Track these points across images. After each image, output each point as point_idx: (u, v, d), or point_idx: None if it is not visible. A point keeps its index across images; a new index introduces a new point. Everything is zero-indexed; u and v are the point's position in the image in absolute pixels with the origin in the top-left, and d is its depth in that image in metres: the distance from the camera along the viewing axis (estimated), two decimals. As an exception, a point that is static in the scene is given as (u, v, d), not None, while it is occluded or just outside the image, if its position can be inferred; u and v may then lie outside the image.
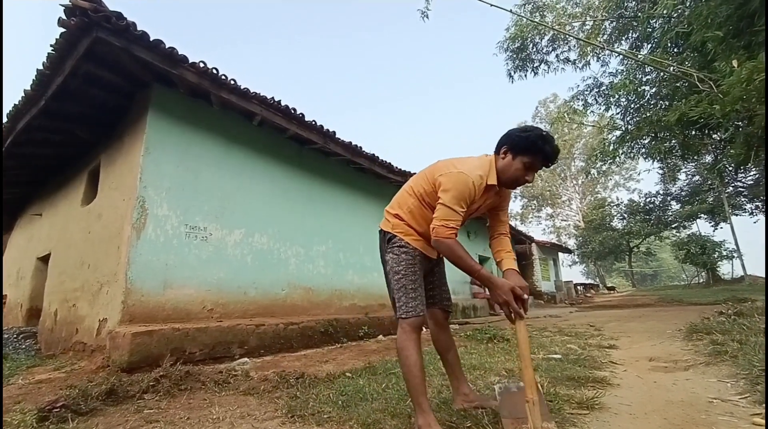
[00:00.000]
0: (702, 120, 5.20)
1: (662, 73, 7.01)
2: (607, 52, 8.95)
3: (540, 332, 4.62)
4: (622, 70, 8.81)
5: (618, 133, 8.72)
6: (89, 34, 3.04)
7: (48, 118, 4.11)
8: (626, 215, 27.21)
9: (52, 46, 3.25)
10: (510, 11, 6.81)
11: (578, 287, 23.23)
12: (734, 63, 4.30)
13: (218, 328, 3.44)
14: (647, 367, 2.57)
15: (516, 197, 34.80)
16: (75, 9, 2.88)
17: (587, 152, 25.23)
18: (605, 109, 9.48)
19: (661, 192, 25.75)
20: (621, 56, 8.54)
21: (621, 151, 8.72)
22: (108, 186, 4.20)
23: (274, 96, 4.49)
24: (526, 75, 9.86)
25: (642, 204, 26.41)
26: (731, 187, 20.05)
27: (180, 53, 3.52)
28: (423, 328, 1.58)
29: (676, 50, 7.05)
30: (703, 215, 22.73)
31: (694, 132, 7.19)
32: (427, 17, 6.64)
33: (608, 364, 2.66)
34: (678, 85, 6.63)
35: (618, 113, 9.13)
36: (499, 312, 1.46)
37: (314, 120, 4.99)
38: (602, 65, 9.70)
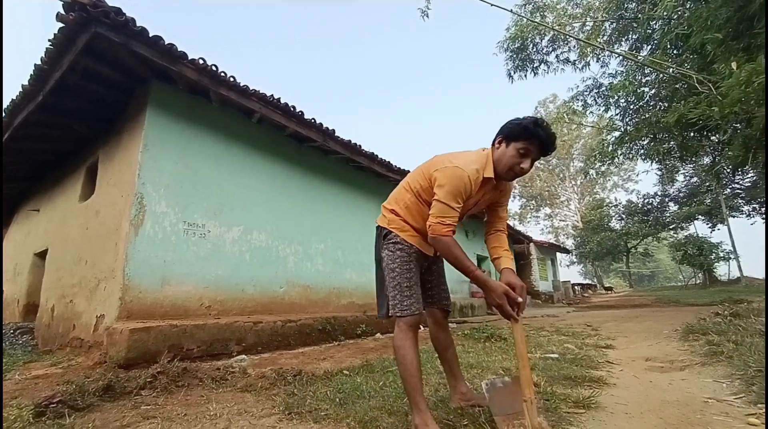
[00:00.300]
0: (701, 122, 5.21)
1: (662, 75, 7.02)
2: (607, 53, 8.96)
3: (537, 332, 4.64)
4: (622, 71, 8.83)
5: (617, 133, 8.75)
6: (88, 30, 3.03)
7: (46, 114, 4.09)
8: (624, 216, 27.31)
9: (50, 41, 3.24)
10: (510, 11, 6.80)
11: (576, 287, 23.29)
12: (733, 65, 4.31)
13: (216, 325, 3.44)
14: (643, 367, 2.59)
15: (515, 197, 34.91)
16: (74, 4, 2.87)
17: (586, 153, 25.27)
18: (604, 110, 9.52)
19: (660, 193, 25.84)
20: (621, 57, 8.55)
21: (620, 152, 8.74)
22: (106, 182, 4.18)
23: (273, 94, 4.48)
24: (525, 75, 9.86)
25: (640, 205, 26.49)
26: (729, 189, 20.11)
27: (179, 50, 3.51)
28: (420, 327, 1.56)
29: (675, 52, 7.06)
30: (700, 216, 22.81)
31: (692, 134, 7.21)
32: (427, 16, 6.63)
33: (605, 364, 2.67)
34: (677, 86, 6.65)
35: (617, 114, 9.16)
36: (496, 311, 1.45)
37: (313, 118, 4.98)
38: (602, 66, 9.72)
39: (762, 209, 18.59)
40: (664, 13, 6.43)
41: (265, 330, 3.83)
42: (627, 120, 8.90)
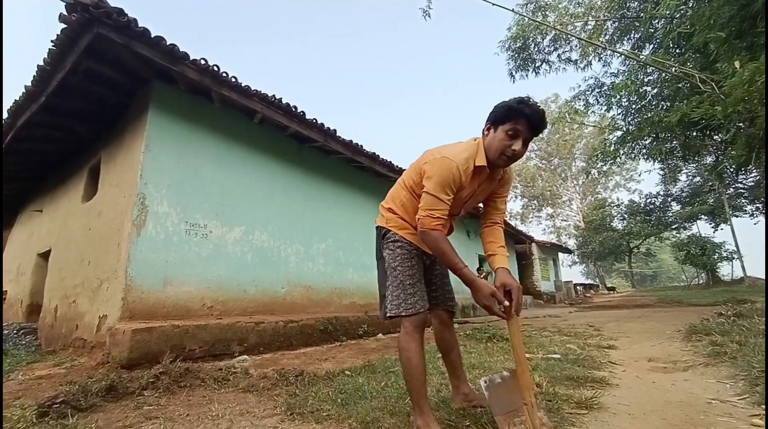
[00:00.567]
0: (703, 121, 5.20)
1: (664, 74, 7.00)
2: (609, 52, 8.94)
3: (539, 332, 4.63)
4: (624, 71, 8.81)
5: (619, 133, 8.72)
6: (90, 30, 3.03)
7: (48, 114, 4.11)
8: (626, 216, 27.24)
9: (52, 41, 3.25)
10: (512, 10, 6.80)
11: (578, 287, 23.25)
12: (736, 64, 4.29)
13: (218, 326, 3.44)
14: (646, 368, 2.58)
15: (516, 197, 34.86)
16: (76, 5, 2.88)
17: (588, 152, 25.19)
18: (606, 110, 9.50)
19: (662, 193, 25.79)
20: (623, 56, 8.53)
21: (622, 152, 8.71)
22: (108, 183, 4.20)
23: (275, 94, 4.49)
24: (527, 75, 9.85)
25: (642, 205, 26.44)
26: (732, 189, 20.04)
27: (181, 50, 3.52)
28: (425, 328, 1.52)
29: (678, 51, 7.04)
30: (703, 216, 22.75)
31: (695, 133, 7.18)
32: (428, 16, 6.64)
33: (607, 365, 2.66)
34: (680, 86, 6.63)
35: (619, 114, 9.13)
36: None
37: (315, 118, 4.98)
38: (604, 65, 9.71)
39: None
40: (667, 12, 6.41)
41: (266, 330, 3.83)
42: (629, 119, 8.87)
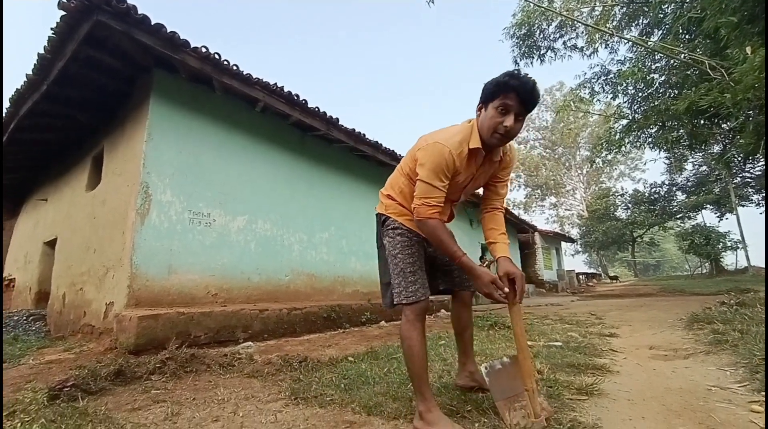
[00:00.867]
0: (712, 109, 5.11)
1: (672, 61, 6.86)
2: (616, 38, 8.73)
3: (541, 320, 4.66)
4: (631, 58, 8.63)
5: (624, 122, 8.60)
6: (90, 18, 3.00)
7: (50, 103, 4.11)
8: (630, 205, 27.05)
9: (52, 29, 3.22)
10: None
11: (580, 276, 23.27)
12: (748, 50, 4.19)
13: (222, 313, 3.49)
14: (647, 355, 2.59)
15: (520, 186, 34.67)
16: (75, -9, 2.85)
17: (593, 141, 24.90)
18: (612, 98, 9.34)
19: (667, 182, 25.51)
20: (630, 43, 8.34)
21: (627, 141, 8.61)
22: (111, 172, 4.21)
23: (276, 82, 4.45)
24: (532, 62, 9.65)
25: (647, 194, 26.21)
26: (739, 178, 19.81)
27: (182, 38, 3.48)
28: (427, 315, 1.51)
29: (687, 37, 6.87)
30: (708, 206, 22.54)
31: (703, 121, 7.07)
32: (432, 2, 6.52)
33: (608, 352, 2.68)
34: (688, 73, 6.50)
35: (625, 102, 8.99)
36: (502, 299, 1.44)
37: (317, 107, 4.94)
38: (610, 52, 9.48)
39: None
40: (677, -4, 6.25)
41: (270, 317, 3.88)
42: (635, 108, 8.74)
